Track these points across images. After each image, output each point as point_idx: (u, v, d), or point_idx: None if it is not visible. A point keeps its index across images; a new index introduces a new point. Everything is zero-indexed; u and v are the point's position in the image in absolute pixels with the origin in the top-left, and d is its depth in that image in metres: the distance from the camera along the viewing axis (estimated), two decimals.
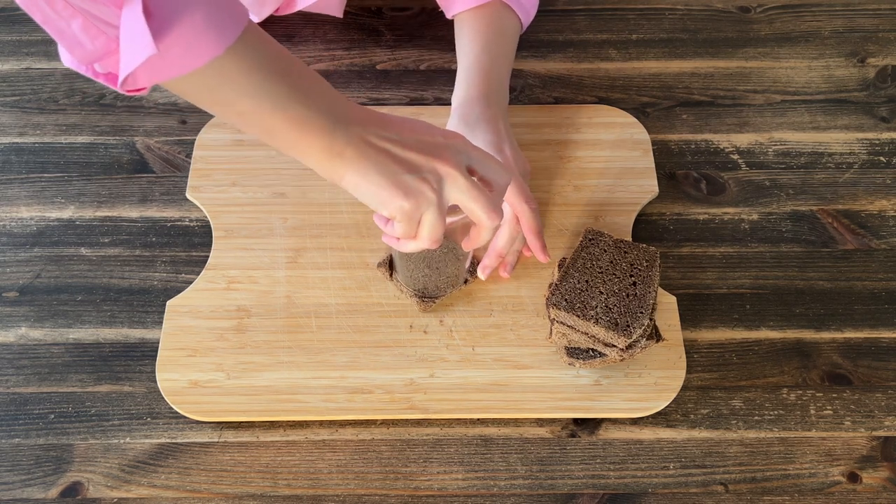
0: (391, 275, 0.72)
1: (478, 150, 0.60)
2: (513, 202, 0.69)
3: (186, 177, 0.79)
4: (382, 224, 0.61)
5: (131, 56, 0.48)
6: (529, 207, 0.69)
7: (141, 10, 0.46)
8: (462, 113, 0.73)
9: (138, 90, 0.52)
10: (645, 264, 0.68)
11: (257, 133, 0.57)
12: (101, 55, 0.50)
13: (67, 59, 0.52)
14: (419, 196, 0.56)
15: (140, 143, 0.83)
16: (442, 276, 0.69)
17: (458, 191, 0.58)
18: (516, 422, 0.67)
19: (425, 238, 0.59)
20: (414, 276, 0.70)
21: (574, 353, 0.67)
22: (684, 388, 0.68)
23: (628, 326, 0.64)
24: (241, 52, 0.51)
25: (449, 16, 0.81)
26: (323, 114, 0.56)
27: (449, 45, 0.90)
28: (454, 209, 0.62)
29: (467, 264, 0.72)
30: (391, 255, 0.73)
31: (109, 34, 0.49)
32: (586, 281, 0.67)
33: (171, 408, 0.67)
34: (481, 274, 0.71)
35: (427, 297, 0.71)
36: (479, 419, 0.67)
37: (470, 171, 0.59)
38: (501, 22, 0.79)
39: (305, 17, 0.94)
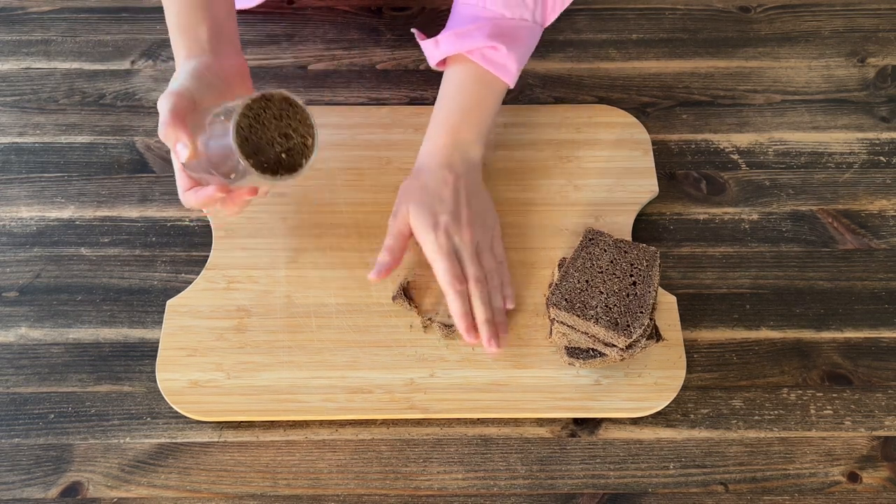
0: (410, 304, 0.71)
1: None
2: (440, 283, 0.68)
3: None
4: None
5: None
6: (452, 290, 0.67)
7: None
8: (416, 173, 0.73)
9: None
10: (645, 264, 0.68)
11: None
12: None
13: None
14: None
15: (140, 143, 0.83)
16: None
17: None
18: (516, 422, 0.67)
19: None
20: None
21: (574, 352, 0.67)
22: (684, 387, 0.68)
23: (628, 326, 0.64)
24: None
25: (432, 65, 0.77)
26: None
27: None
28: None
29: None
30: (403, 286, 0.72)
31: None
32: (586, 281, 0.67)
33: (170, 408, 0.67)
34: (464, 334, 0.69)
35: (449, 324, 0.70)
36: (479, 419, 0.67)
37: None
38: (486, 77, 0.74)
39: (305, 17, 0.94)
